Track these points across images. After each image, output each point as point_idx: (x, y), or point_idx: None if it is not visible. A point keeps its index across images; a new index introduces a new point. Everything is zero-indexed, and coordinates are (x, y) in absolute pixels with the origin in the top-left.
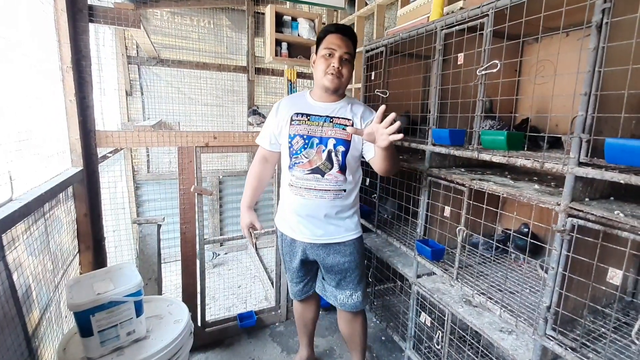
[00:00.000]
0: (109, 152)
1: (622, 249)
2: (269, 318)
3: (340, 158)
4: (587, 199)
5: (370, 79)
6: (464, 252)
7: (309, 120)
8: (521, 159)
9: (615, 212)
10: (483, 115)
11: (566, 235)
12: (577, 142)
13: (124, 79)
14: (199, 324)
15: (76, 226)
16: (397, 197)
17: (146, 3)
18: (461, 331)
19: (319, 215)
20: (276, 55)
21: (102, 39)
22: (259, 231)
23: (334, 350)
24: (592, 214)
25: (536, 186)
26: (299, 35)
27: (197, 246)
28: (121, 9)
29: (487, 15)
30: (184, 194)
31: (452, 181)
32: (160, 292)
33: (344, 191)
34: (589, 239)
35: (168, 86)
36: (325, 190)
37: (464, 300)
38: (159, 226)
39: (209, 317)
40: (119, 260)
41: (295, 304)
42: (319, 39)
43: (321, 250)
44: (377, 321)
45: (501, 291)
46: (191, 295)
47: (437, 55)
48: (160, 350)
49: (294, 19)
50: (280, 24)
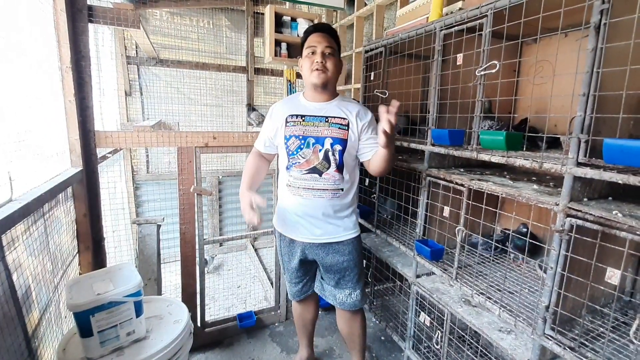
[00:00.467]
0: (109, 153)
1: (621, 248)
2: (268, 318)
3: (338, 157)
4: (585, 199)
5: (370, 79)
6: (463, 252)
7: (303, 120)
8: (520, 159)
9: (614, 212)
10: (482, 116)
11: (565, 235)
12: (576, 142)
13: (123, 79)
14: (198, 324)
15: (75, 226)
16: (396, 197)
17: (145, 3)
18: (460, 331)
19: (317, 215)
20: (275, 55)
21: (102, 39)
22: (262, 207)
23: (333, 350)
24: (591, 214)
25: (535, 186)
26: (298, 36)
27: (197, 246)
28: (120, 9)
29: (486, 15)
30: (184, 194)
31: (451, 181)
32: (159, 293)
33: (342, 190)
34: (587, 239)
35: (167, 86)
36: (324, 189)
37: (463, 300)
38: (159, 226)
39: (208, 318)
40: (118, 260)
41: (294, 305)
42: (302, 42)
43: (320, 249)
44: (377, 321)
45: (500, 291)
46: (191, 295)
47: (436, 55)
48: (160, 351)
49: (293, 20)
50: (279, 24)
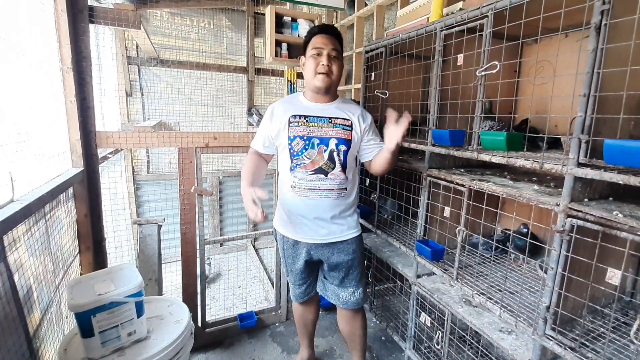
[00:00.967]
0: (109, 153)
1: (621, 249)
2: (269, 318)
3: (342, 157)
4: (586, 200)
5: (370, 79)
6: (464, 253)
7: (307, 121)
8: (521, 160)
9: (614, 213)
10: (483, 116)
11: (565, 235)
12: (576, 142)
13: (124, 79)
14: (199, 324)
15: (76, 227)
16: (397, 198)
17: (146, 4)
18: (461, 331)
19: (324, 215)
20: (276, 55)
21: (102, 40)
22: (264, 199)
23: (334, 350)
24: (591, 215)
25: (535, 187)
26: (299, 36)
27: (198, 246)
28: (121, 10)
29: (487, 16)
30: (184, 194)
31: (451, 182)
32: (160, 293)
33: (346, 189)
34: (588, 239)
35: (168, 87)
36: (329, 189)
37: (463, 300)
38: (159, 227)
39: (209, 318)
40: (119, 260)
41: (295, 306)
42: (306, 42)
43: (326, 249)
44: (377, 321)
45: (501, 291)
46: (191, 295)
47: (437, 56)
48: (161, 351)
49: (294, 20)
50: (280, 24)
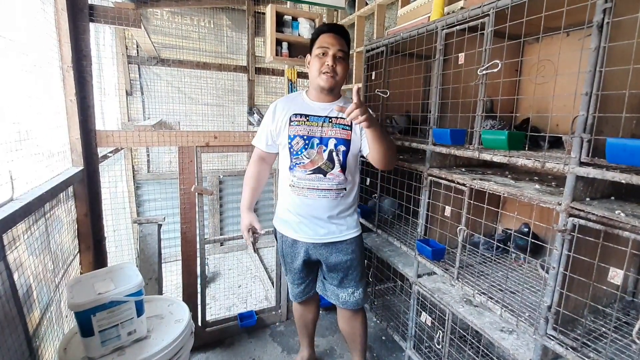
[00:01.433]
0: (110, 152)
1: (623, 248)
2: (269, 318)
3: (341, 157)
4: (588, 199)
5: (371, 78)
6: (465, 252)
7: (308, 120)
8: (522, 159)
9: (616, 212)
10: (484, 115)
11: (567, 235)
12: (578, 141)
13: (124, 78)
14: (199, 323)
15: (76, 226)
16: (397, 197)
17: (146, 3)
18: (462, 331)
19: (322, 215)
20: (277, 55)
21: (103, 39)
22: (259, 233)
23: (334, 350)
24: (593, 214)
25: (537, 186)
26: (299, 35)
27: (198, 246)
28: (121, 9)
29: (488, 15)
30: (185, 193)
31: (452, 181)
32: (160, 292)
33: (345, 190)
34: (589, 238)
35: (168, 86)
36: (328, 189)
37: (464, 300)
38: (160, 226)
39: (209, 317)
40: (119, 260)
41: (295, 306)
42: (312, 40)
43: (324, 249)
44: (378, 321)
45: (502, 291)
46: (192, 295)
47: (438, 55)
48: (161, 350)
49: (294, 19)
50: (280, 23)
